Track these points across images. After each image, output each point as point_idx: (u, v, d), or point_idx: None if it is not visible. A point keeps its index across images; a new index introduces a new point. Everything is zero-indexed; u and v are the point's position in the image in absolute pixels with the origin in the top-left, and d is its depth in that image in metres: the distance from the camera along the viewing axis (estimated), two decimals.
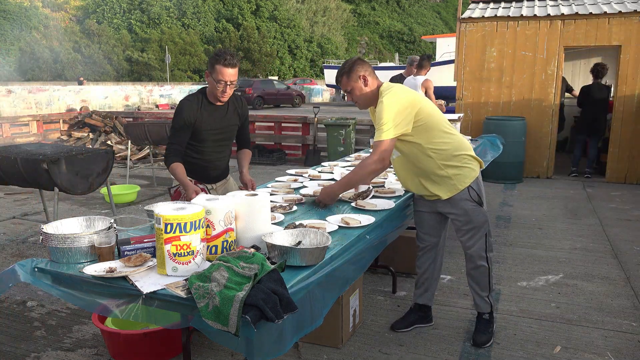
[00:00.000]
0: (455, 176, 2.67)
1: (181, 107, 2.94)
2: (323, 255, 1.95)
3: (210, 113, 2.98)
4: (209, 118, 2.98)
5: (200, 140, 3.01)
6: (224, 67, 2.78)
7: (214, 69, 2.81)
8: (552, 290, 3.63)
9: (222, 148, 3.15)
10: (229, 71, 2.79)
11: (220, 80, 2.81)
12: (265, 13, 49.12)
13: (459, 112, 7.95)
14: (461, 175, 2.67)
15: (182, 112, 2.92)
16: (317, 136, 9.47)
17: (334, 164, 4.20)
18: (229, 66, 2.79)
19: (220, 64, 2.78)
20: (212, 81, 2.85)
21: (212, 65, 2.82)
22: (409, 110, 2.54)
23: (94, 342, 2.94)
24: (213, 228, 1.96)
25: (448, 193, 2.70)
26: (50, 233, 1.98)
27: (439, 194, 2.71)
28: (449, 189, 2.69)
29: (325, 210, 2.71)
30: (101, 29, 38.84)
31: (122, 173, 8.22)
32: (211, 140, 3.04)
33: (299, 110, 24.28)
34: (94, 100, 20.55)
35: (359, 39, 61.18)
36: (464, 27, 7.86)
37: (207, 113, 2.97)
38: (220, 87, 2.83)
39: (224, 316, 1.54)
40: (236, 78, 2.85)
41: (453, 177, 2.66)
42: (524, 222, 5.38)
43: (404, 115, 2.53)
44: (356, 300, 3.01)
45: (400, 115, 2.52)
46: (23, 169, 4.18)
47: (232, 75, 2.82)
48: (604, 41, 7.30)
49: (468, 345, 2.87)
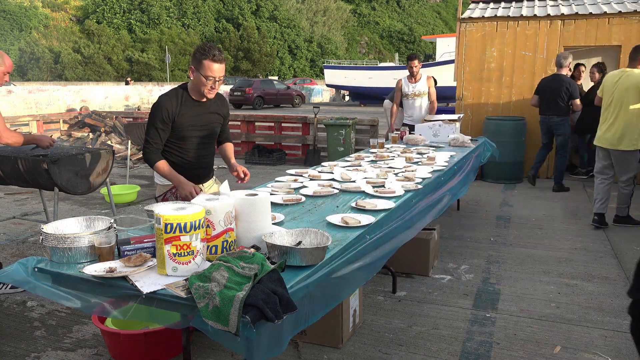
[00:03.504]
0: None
1: (159, 102, 2.78)
2: (323, 255, 1.95)
3: (191, 109, 2.83)
4: (190, 114, 2.83)
5: (181, 137, 2.87)
6: (212, 63, 2.65)
7: (200, 64, 2.67)
8: (552, 290, 3.63)
9: (205, 146, 3.00)
10: (218, 67, 2.68)
11: (209, 76, 2.68)
12: (265, 13, 49.15)
13: (459, 112, 7.95)
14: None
15: (159, 108, 2.76)
16: (317, 136, 9.47)
17: (334, 164, 4.20)
18: (218, 61, 2.67)
19: (208, 59, 2.65)
20: (198, 76, 2.71)
21: (198, 60, 2.67)
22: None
23: (94, 342, 2.94)
24: (213, 228, 1.96)
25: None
26: (50, 233, 1.98)
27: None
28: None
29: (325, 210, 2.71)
30: (101, 29, 38.88)
31: (122, 173, 8.22)
32: (194, 137, 2.90)
33: (299, 110, 24.29)
34: (94, 100, 20.55)
35: (359, 39, 61.19)
36: (464, 27, 7.86)
37: (187, 109, 2.82)
38: (209, 83, 2.71)
39: (224, 316, 1.54)
40: (223, 73, 2.74)
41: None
42: (524, 222, 5.38)
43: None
44: (356, 300, 3.01)
45: None
46: (23, 169, 4.18)
47: (220, 71, 2.70)
48: (604, 41, 7.30)
49: (468, 345, 2.87)
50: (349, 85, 29.07)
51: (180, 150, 2.92)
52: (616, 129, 4.91)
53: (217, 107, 3.00)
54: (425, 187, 3.40)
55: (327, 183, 3.40)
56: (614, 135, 4.93)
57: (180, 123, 2.81)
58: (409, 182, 3.39)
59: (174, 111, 2.78)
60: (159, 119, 2.77)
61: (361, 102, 29.63)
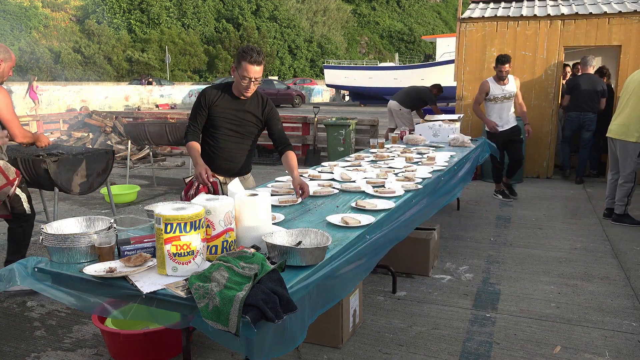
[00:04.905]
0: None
1: (204, 90, 3.12)
2: (323, 255, 1.95)
3: (228, 102, 3.08)
4: (226, 106, 3.08)
5: (214, 126, 3.12)
6: (249, 64, 2.88)
7: (240, 65, 2.90)
8: (552, 290, 3.63)
9: (236, 140, 3.17)
10: (254, 68, 2.89)
11: (245, 76, 2.91)
12: (265, 13, 49.14)
13: (458, 112, 7.95)
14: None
15: (202, 94, 3.09)
16: (317, 136, 9.47)
17: (334, 164, 4.20)
18: (255, 63, 2.88)
19: (246, 61, 2.87)
20: (237, 76, 2.95)
21: (238, 61, 2.92)
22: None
23: (94, 342, 2.94)
24: (213, 228, 1.96)
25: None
26: (50, 233, 1.98)
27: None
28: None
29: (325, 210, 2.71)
30: (101, 29, 38.86)
31: (122, 173, 8.22)
32: (225, 129, 3.12)
33: (299, 110, 24.29)
34: (94, 100, 20.55)
35: (359, 39, 61.18)
36: (464, 27, 7.86)
37: (225, 101, 3.08)
38: (245, 82, 2.93)
39: (224, 316, 1.54)
40: (261, 75, 2.96)
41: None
42: (524, 222, 5.38)
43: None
44: (356, 300, 3.01)
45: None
46: (23, 169, 4.18)
47: (256, 73, 2.91)
48: (604, 41, 7.30)
49: (468, 345, 2.87)
50: (349, 85, 29.08)
51: (211, 138, 3.17)
52: (621, 119, 4.98)
53: (255, 107, 3.16)
54: (425, 187, 3.40)
55: (327, 183, 3.40)
56: (619, 125, 5.00)
57: (214, 112, 3.09)
58: (409, 182, 3.39)
59: (212, 100, 3.07)
60: (198, 103, 3.09)
61: (361, 102, 29.64)
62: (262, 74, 3.01)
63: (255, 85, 2.97)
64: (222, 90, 3.10)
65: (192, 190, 3.08)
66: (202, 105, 3.07)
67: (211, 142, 3.17)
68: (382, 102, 26.11)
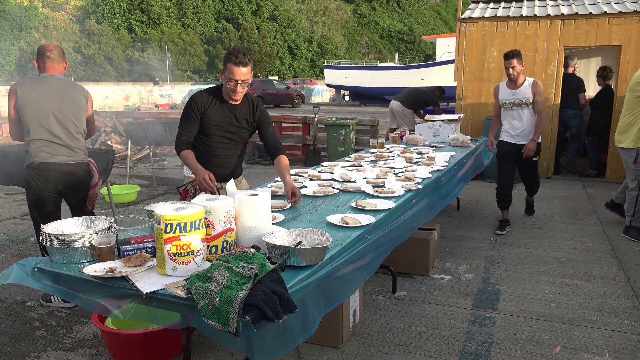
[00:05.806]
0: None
1: (193, 96, 3.02)
2: (323, 255, 1.95)
3: (219, 108, 2.99)
4: (217, 113, 2.99)
5: (206, 133, 3.03)
6: (234, 66, 2.78)
7: (226, 67, 2.82)
8: (552, 290, 3.63)
9: (229, 147, 3.11)
10: (240, 70, 2.79)
11: (231, 78, 2.81)
12: (265, 13, 49.11)
13: (459, 112, 7.95)
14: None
15: (192, 101, 2.98)
16: (317, 136, 9.47)
17: (334, 164, 4.20)
18: (240, 65, 2.78)
19: (231, 62, 2.78)
20: (224, 79, 2.87)
21: (224, 63, 2.83)
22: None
23: (94, 342, 2.94)
24: (213, 228, 1.96)
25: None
26: (50, 233, 1.98)
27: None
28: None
29: (325, 210, 2.71)
30: (101, 29, 38.82)
31: (122, 173, 8.22)
32: (217, 136, 3.04)
33: (299, 110, 24.30)
34: (94, 100, 20.54)
35: (359, 39, 61.16)
36: (464, 27, 7.86)
37: (217, 109, 2.98)
38: (231, 85, 2.84)
39: (224, 316, 1.54)
40: (248, 77, 2.85)
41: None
42: (524, 222, 5.38)
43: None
44: (356, 300, 3.01)
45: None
46: None
47: (243, 74, 2.81)
48: (604, 41, 7.30)
49: (468, 345, 2.87)
50: (349, 85, 29.08)
51: (203, 145, 3.07)
52: (618, 126, 4.93)
53: (246, 113, 3.08)
54: (425, 187, 3.40)
55: (327, 183, 3.40)
56: (617, 133, 4.97)
57: (206, 120, 2.99)
58: (409, 182, 3.39)
59: (203, 108, 2.97)
60: (190, 110, 2.98)
61: (361, 102, 29.64)
62: (251, 75, 2.90)
63: (243, 87, 2.86)
64: (212, 95, 2.99)
65: (187, 199, 3.05)
66: (193, 113, 2.96)
67: (203, 150, 3.08)
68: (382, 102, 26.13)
